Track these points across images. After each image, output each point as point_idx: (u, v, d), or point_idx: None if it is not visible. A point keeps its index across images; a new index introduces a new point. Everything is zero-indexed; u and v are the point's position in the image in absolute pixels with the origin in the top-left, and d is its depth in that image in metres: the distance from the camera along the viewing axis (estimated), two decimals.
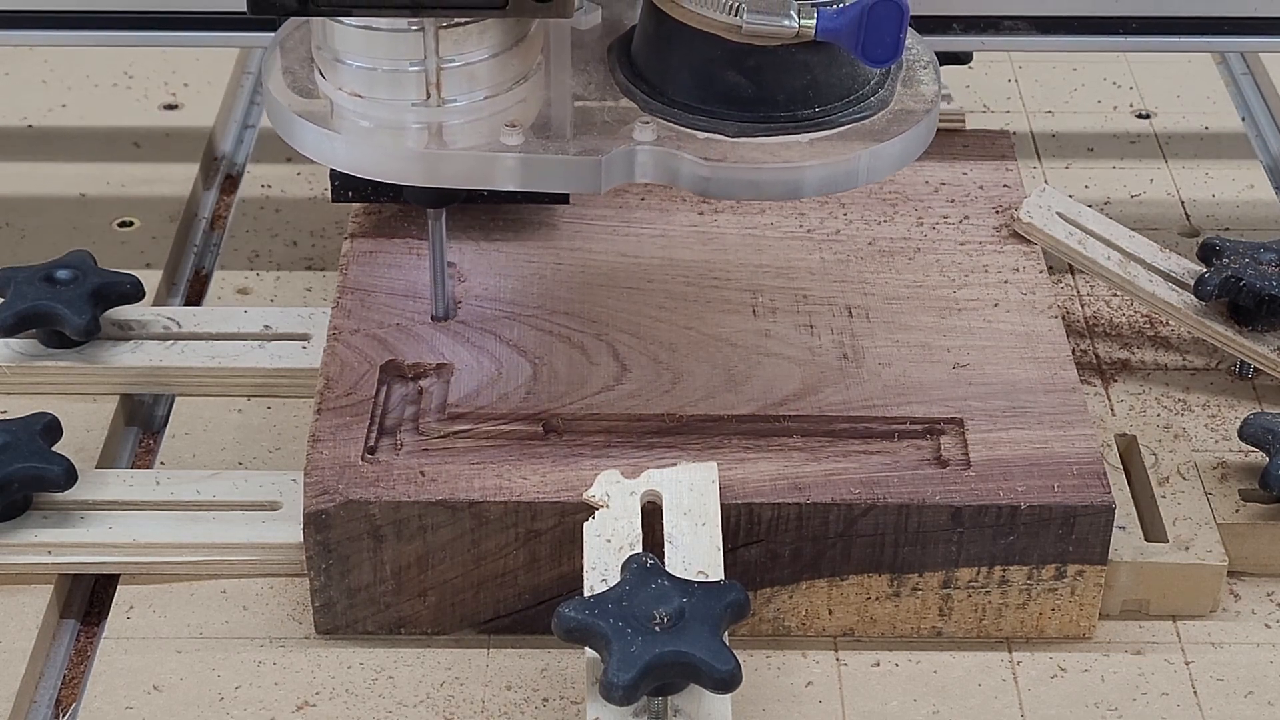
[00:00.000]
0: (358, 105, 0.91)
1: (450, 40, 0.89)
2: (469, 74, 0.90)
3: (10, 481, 0.95)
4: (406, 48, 0.89)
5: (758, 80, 0.90)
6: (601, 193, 0.91)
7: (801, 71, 0.89)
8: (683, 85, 0.91)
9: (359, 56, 0.90)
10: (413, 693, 0.91)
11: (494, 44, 0.90)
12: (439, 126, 0.91)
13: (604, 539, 0.89)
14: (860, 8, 0.86)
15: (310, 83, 0.94)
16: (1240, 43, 1.25)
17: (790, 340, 1.01)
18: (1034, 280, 1.06)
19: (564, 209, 1.11)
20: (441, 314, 1.02)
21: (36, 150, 1.30)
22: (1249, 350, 1.08)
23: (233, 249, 1.21)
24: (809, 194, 0.90)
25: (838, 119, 0.91)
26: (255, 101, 1.39)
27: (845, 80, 0.91)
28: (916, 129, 0.92)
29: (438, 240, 1.00)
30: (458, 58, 0.90)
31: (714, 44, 0.89)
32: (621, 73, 0.94)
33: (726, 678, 0.82)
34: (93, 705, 0.91)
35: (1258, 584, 0.98)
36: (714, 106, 0.91)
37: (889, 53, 0.87)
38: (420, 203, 0.99)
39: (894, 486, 0.92)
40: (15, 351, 1.08)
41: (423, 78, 0.90)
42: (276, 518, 0.97)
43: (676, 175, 0.90)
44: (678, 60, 0.91)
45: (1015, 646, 0.94)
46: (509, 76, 0.92)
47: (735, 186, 0.90)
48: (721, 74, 0.90)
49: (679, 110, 0.91)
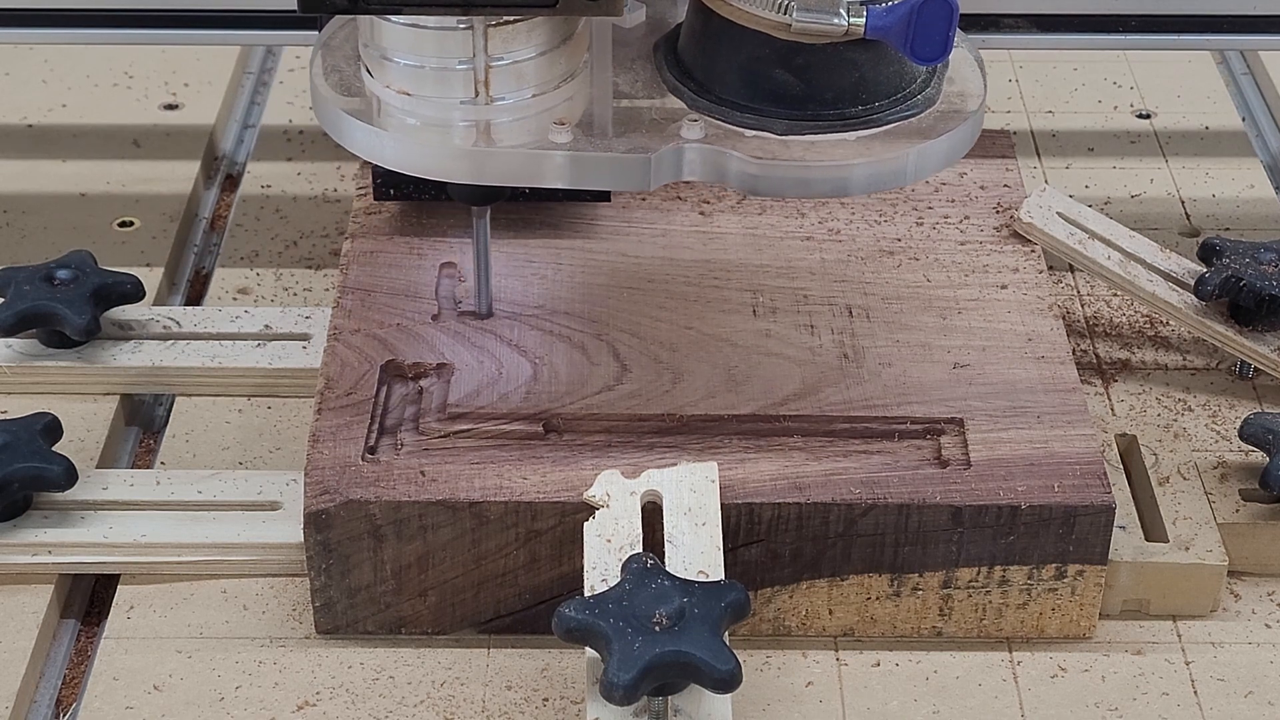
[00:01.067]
0: (405, 103, 0.91)
1: (499, 38, 0.90)
2: (517, 72, 0.91)
3: (10, 481, 0.95)
4: (455, 46, 0.90)
5: (806, 78, 0.89)
6: (650, 190, 0.91)
7: (849, 69, 0.89)
8: (730, 83, 0.91)
9: (407, 54, 0.90)
10: (413, 693, 0.91)
11: (542, 42, 0.91)
12: (487, 124, 0.91)
13: (604, 539, 0.89)
14: (910, 6, 0.86)
15: (357, 81, 0.94)
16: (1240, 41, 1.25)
17: (791, 340, 1.01)
18: (1034, 280, 1.06)
19: (564, 209, 1.11)
20: (484, 312, 1.02)
21: (37, 150, 1.30)
22: (1249, 350, 1.08)
23: (233, 249, 1.21)
24: (856, 192, 0.90)
25: (885, 117, 0.91)
26: (255, 101, 1.39)
27: (892, 78, 0.91)
28: (963, 127, 0.91)
29: (482, 239, 1.00)
30: (506, 56, 0.90)
31: (762, 42, 0.89)
32: (668, 71, 0.94)
33: (727, 677, 0.82)
34: (93, 705, 0.91)
35: (1258, 584, 0.98)
36: (761, 104, 0.90)
37: (938, 51, 0.87)
38: (466, 200, 0.99)
39: (894, 486, 0.92)
40: (15, 351, 1.08)
41: (471, 76, 0.90)
42: (276, 518, 0.97)
43: (725, 173, 0.90)
44: (725, 58, 0.91)
45: (1015, 646, 0.94)
46: (556, 74, 0.92)
47: (784, 185, 0.90)
48: (769, 72, 0.90)
49: (726, 108, 0.91)
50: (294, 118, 1.34)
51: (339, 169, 1.28)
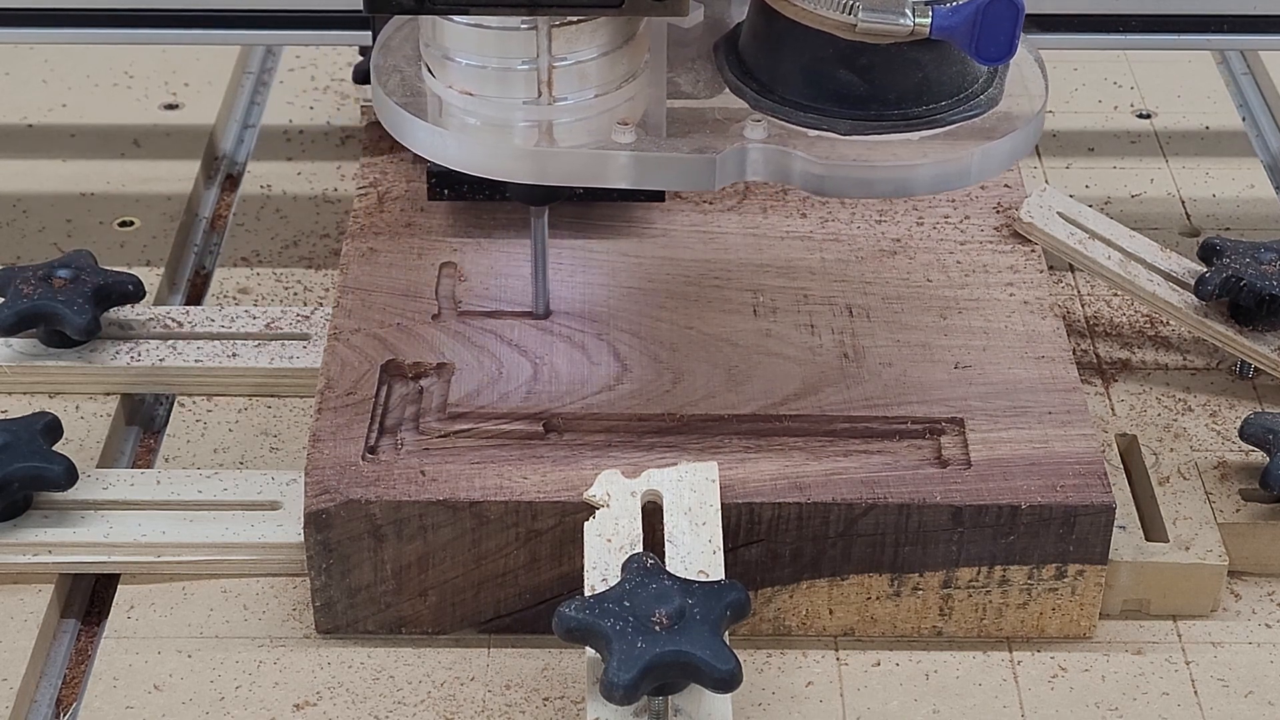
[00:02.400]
0: (468, 103, 0.91)
1: (563, 38, 0.90)
2: (580, 72, 0.91)
3: (10, 481, 0.95)
4: (519, 46, 0.90)
5: (869, 78, 0.89)
6: (715, 190, 0.90)
7: (913, 70, 0.89)
8: (793, 83, 0.91)
9: (471, 55, 0.90)
10: (413, 693, 0.91)
11: (604, 42, 0.91)
12: (549, 124, 0.92)
13: (604, 539, 0.89)
14: (975, 6, 0.86)
15: (418, 81, 0.94)
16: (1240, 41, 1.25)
17: (791, 340, 1.01)
18: (1034, 280, 1.06)
19: (563, 208, 1.11)
20: (541, 312, 1.02)
21: (37, 149, 1.30)
22: (1249, 350, 1.08)
23: (233, 248, 1.21)
24: (920, 192, 0.91)
25: (947, 117, 0.91)
26: (256, 101, 1.39)
27: (955, 78, 0.91)
28: (1026, 128, 0.91)
29: (540, 238, 1.00)
30: (569, 56, 0.90)
31: (826, 42, 0.89)
32: (730, 71, 0.94)
33: (727, 677, 0.82)
34: (93, 705, 0.91)
35: (1258, 584, 0.98)
36: (824, 104, 0.90)
37: (1003, 51, 0.87)
38: (525, 200, 0.99)
39: (894, 486, 0.92)
40: (15, 351, 1.08)
41: (534, 76, 0.90)
42: (276, 518, 0.97)
43: (788, 173, 0.90)
44: (788, 58, 0.91)
45: (1015, 646, 0.94)
46: (618, 75, 0.92)
47: (848, 185, 0.90)
48: (833, 72, 0.89)
49: (789, 108, 0.91)
50: (294, 118, 1.34)
51: (339, 169, 1.28)
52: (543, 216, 1.00)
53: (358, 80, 1.26)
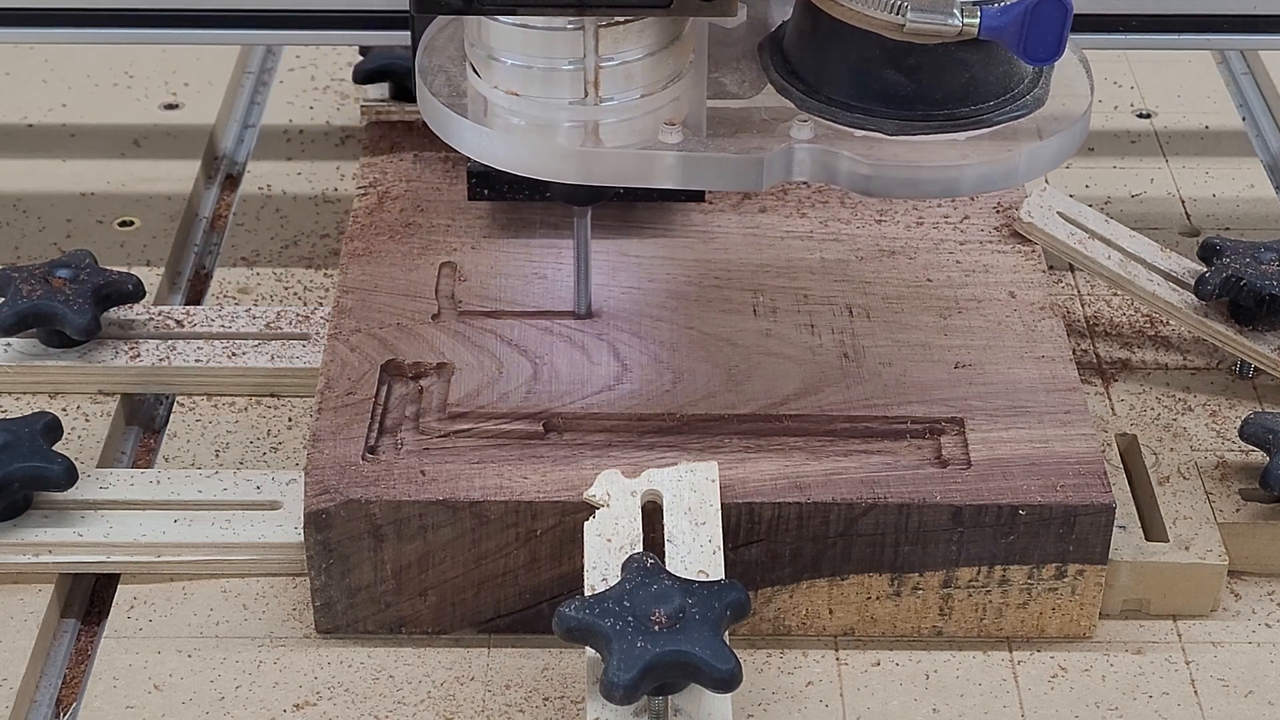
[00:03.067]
0: (513, 103, 0.91)
1: (610, 39, 0.90)
2: (626, 72, 0.91)
3: (10, 481, 0.95)
4: (566, 46, 0.90)
5: (917, 78, 0.89)
6: (762, 191, 0.90)
7: (960, 70, 0.89)
8: (840, 83, 0.91)
9: (517, 55, 0.91)
10: (413, 693, 0.91)
11: (651, 43, 0.91)
12: (595, 125, 0.92)
13: (604, 538, 0.89)
14: (1024, 7, 0.86)
15: (463, 81, 0.94)
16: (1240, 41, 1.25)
17: (791, 340, 1.01)
18: (1034, 280, 1.06)
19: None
20: (583, 312, 1.02)
21: (37, 149, 1.30)
22: (1249, 350, 1.08)
23: (233, 248, 1.21)
24: (966, 192, 0.91)
25: (994, 117, 0.91)
26: (256, 100, 1.39)
27: (1001, 79, 0.91)
28: (1073, 128, 0.91)
29: (583, 238, 1.01)
30: (616, 56, 0.90)
31: (874, 42, 0.89)
32: (775, 71, 0.94)
33: (727, 677, 0.82)
34: (93, 705, 0.91)
35: (1258, 584, 0.98)
36: (871, 104, 0.90)
37: (1051, 52, 0.87)
38: (568, 201, 0.99)
39: (894, 486, 0.92)
40: (15, 351, 1.08)
41: (581, 76, 0.90)
42: (276, 518, 0.97)
43: (835, 174, 0.90)
44: (835, 58, 0.91)
45: (1015, 646, 0.94)
46: (664, 75, 0.92)
47: (895, 185, 0.90)
48: (880, 72, 0.89)
49: (836, 108, 0.91)
50: (294, 118, 1.34)
51: (338, 169, 1.28)
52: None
53: (358, 80, 1.25)
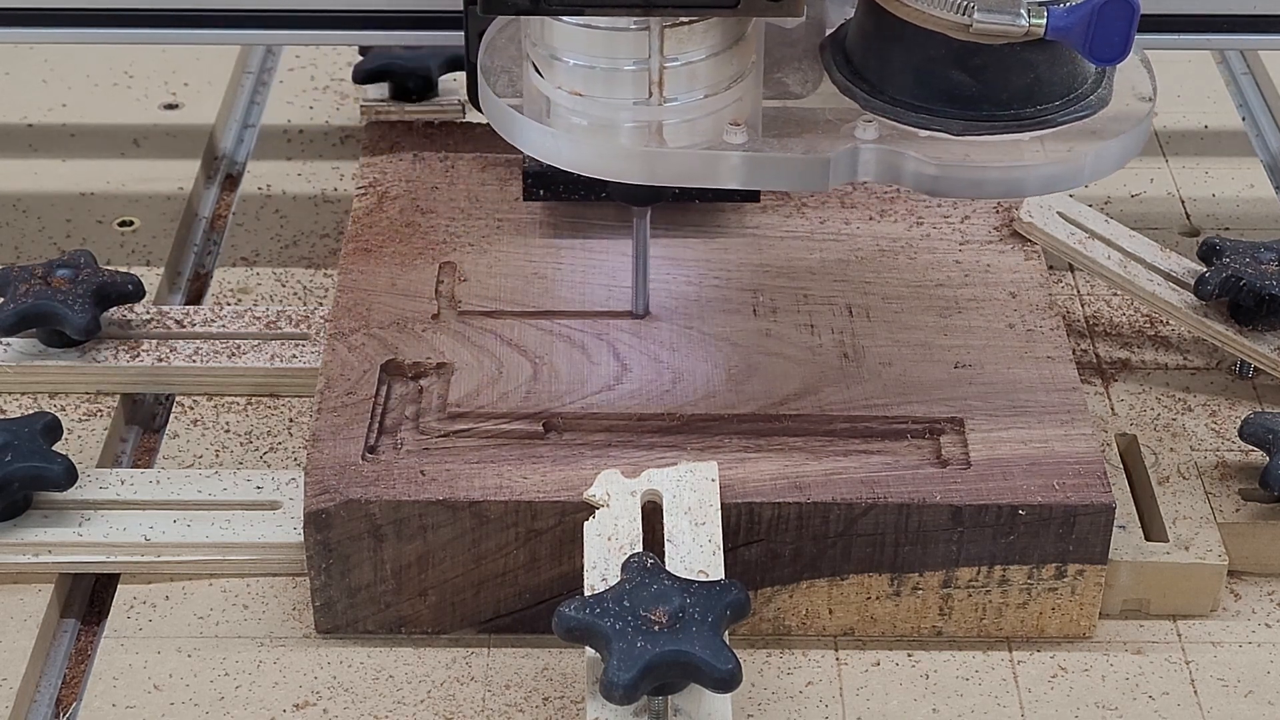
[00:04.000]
0: (576, 103, 0.91)
1: (674, 39, 0.90)
2: (690, 73, 0.91)
3: (10, 481, 0.95)
4: (631, 46, 0.90)
5: (982, 79, 0.89)
6: (827, 191, 0.90)
7: (1025, 70, 0.89)
8: (904, 83, 0.91)
9: (582, 55, 0.91)
10: (413, 693, 0.91)
11: (715, 43, 0.91)
12: (659, 125, 0.92)
13: (604, 538, 0.89)
14: (1091, 7, 0.86)
15: (526, 81, 0.94)
16: (1240, 41, 1.25)
17: (791, 340, 1.01)
18: (1034, 280, 1.06)
19: (563, 208, 1.11)
20: (641, 311, 1.02)
21: (37, 149, 1.30)
22: (1249, 350, 1.08)
23: (233, 249, 1.21)
24: (1032, 193, 0.91)
25: (1058, 118, 0.91)
26: (255, 100, 1.39)
27: (1066, 79, 0.91)
28: (1138, 128, 0.91)
29: (641, 238, 1.01)
30: (680, 56, 0.90)
31: (939, 42, 0.89)
32: (838, 71, 0.94)
33: (727, 677, 0.82)
34: (93, 705, 0.91)
35: (1258, 584, 0.98)
36: (935, 105, 0.90)
37: (1117, 52, 0.87)
38: (627, 201, 0.99)
39: (894, 486, 0.92)
40: (15, 351, 1.08)
41: (645, 76, 0.90)
42: (276, 518, 0.97)
43: (899, 174, 0.90)
44: (899, 58, 0.91)
45: (1015, 646, 0.94)
46: (727, 75, 0.92)
47: (961, 185, 0.90)
48: (945, 72, 0.89)
49: (900, 108, 0.91)
50: (294, 118, 1.34)
51: (338, 169, 1.28)
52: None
53: (357, 80, 1.26)
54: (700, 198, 1.06)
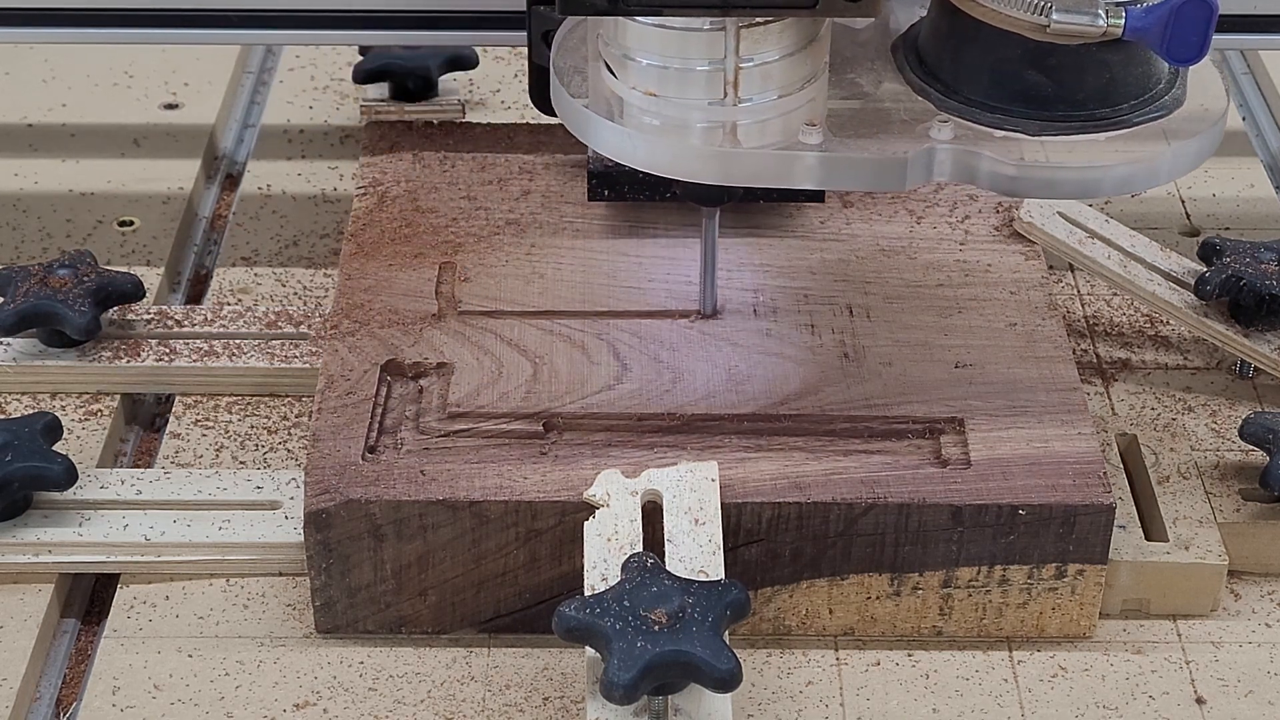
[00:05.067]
0: (650, 104, 0.92)
1: (750, 39, 0.90)
2: (765, 73, 0.91)
3: (10, 481, 0.95)
4: (707, 47, 0.90)
5: (1058, 79, 0.89)
6: (904, 192, 0.89)
7: (1101, 70, 0.89)
8: (979, 84, 0.91)
9: (657, 56, 0.91)
10: (413, 693, 0.91)
11: (790, 43, 0.91)
12: (733, 125, 0.92)
13: (604, 538, 0.89)
14: (1169, 7, 0.86)
15: (599, 81, 0.94)
16: (1240, 41, 1.25)
17: (791, 339, 1.01)
18: (1034, 280, 1.06)
19: (563, 208, 1.11)
20: (708, 311, 1.02)
21: (37, 149, 1.30)
22: (1249, 350, 1.08)
23: (233, 248, 1.21)
24: (1107, 193, 0.91)
25: (1133, 118, 0.91)
26: (255, 101, 1.39)
27: (1140, 79, 0.91)
28: (1213, 129, 0.91)
29: (710, 239, 1.01)
30: (756, 57, 0.90)
31: (1014, 43, 0.89)
32: (911, 71, 0.94)
33: (727, 677, 0.82)
34: (93, 705, 0.91)
35: (1258, 584, 0.98)
36: (1010, 105, 0.90)
37: (1194, 53, 0.87)
38: (697, 201, 0.99)
39: (894, 486, 0.92)
40: (15, 351, 1.08)
41: (720, 76, 0.90)
42: (276, 517, 0.97)
43: (975, 174, 0.90)
44: (975, 59, 0.91)
45: (1015, 646, 0.94)
46: (801, 75, 0.92)
47: (1038, 186, 0.90)
48: (1021, 73, 0.89)
49: (975, 109, 0.91)
50: (294, 117, 1.34)
51: (336, 168, 1.28)
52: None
53: (357, 80, 1.26)
54: (765, 198, 1.06)
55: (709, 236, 1.01)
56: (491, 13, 1.16)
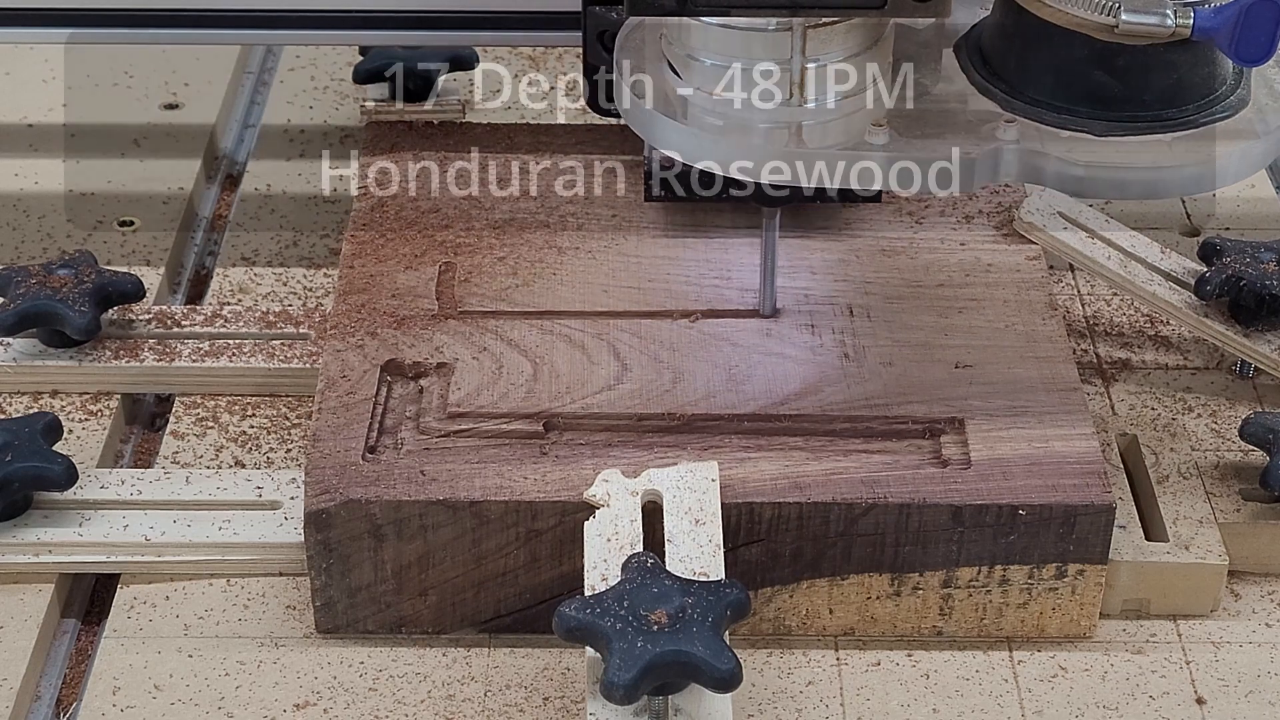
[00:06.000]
0: (715, 104, 0.92)
1: (816, 40, 0.90)
2: (831, 74, 0.91)
3: (10, 481, 0.95)
4: (773, 48, 0.90)
5: (1125, 79, 0.89)
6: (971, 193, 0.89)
7: (1168, 70, 0.89)
8: (1045, 84, 0.91)
9: (722, 57, 0.91)
10: (413, 693, 0.91)
11: (856, 44, 0.91)
12: (798, 126, 0.92)
13: (604, 538, 0.89)
14: (1239, 7, 0.86)
15: (663, 82, 0.94)
16: None
17: (791, 339, 1.01)
18: (1034, 280, 1.06)
19: (563, 208, 1.11)
20: (767, 312, 1.03)
21: (37, 149, 1.30)
22: (1249, 350, 1.08)
23: (233, 247, 1.21)
24: (1174, 194, 0.91)
25: (1200, 118, 0.91)
26: (255, 100, 1.39)
27: (1206, 79, 0.91)
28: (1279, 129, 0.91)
29: (771, 239, 1.01)
30: (822, 57, 0.90)
31: (1082, 43, 0.89)
32: (975, 71, 0.94)
33: (727, 677, 0.82)
34: (93, 705, 0.91)
35: (1258, 584, 0.98)
36: (1076, 105, 0.90)
37: (1262, 53, 0.87)
38: (759, 202, 0.99)
39: (895, 486, 0.92)
40: (15, 351, 1.08)
41: (786, 77, 0.90)
42: (276, 518, 0.97)
43: (1042, 174, 0.90)
44: (1041, 59, 0.91)
45: (1016, 646, 0.94)
46: (865, 76, 0.92)
47: (1105, 186, 0.90)
48: (1088, 73, 0.89)
49: (1041, 109, 0.91)
50: (294, 117, 1.34)
51: (336, 168, 1.28)
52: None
53: (358, 80, 1.25)
54: (821, 198, 1.06)
55: (770, 237, 1.01)
56: (492, 13, 1.16)
